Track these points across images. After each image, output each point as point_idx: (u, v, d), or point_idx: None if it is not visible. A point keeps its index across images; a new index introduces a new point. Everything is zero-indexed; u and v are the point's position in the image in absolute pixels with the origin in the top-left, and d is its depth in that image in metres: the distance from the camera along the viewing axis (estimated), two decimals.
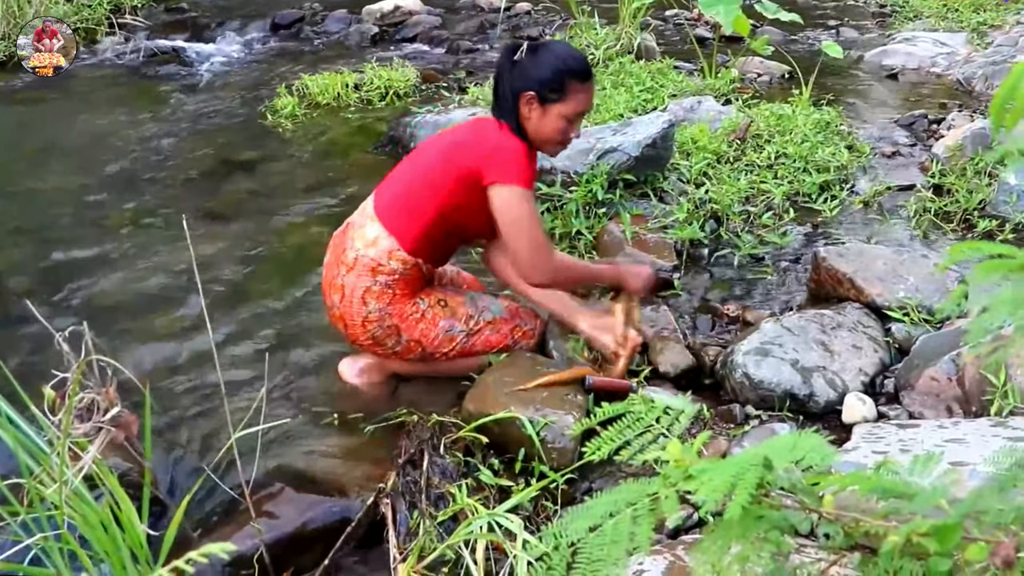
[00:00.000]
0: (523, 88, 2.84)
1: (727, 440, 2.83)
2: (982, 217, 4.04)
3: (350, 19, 7.92)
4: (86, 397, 1.84)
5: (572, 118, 2.89)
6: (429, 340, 3.02)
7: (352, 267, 2.94)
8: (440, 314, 3.02)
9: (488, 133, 2.90)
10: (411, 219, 2.90)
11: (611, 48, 6.31)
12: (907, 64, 6.68)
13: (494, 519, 2.36)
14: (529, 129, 2.89)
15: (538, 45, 2.92)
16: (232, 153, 5.24)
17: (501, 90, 2.90)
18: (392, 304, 2.95)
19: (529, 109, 2.86)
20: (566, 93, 2.84)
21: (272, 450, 2.78)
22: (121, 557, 1.96)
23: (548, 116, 2.86)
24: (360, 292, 2.93)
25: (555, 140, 2.93)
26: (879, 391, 3.04)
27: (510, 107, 2.87)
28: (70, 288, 3.78)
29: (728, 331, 3.45)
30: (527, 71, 2.84)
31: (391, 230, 2.91)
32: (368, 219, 2.97)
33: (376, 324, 2.96)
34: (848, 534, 1.28)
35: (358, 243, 2.95)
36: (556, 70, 2.83)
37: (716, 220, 4.15)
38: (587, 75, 2.90)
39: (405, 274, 2.94)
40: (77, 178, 4.88)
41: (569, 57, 2.89)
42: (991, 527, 1.19)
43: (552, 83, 2.83)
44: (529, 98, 2.84)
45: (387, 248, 2.90)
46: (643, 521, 1.22)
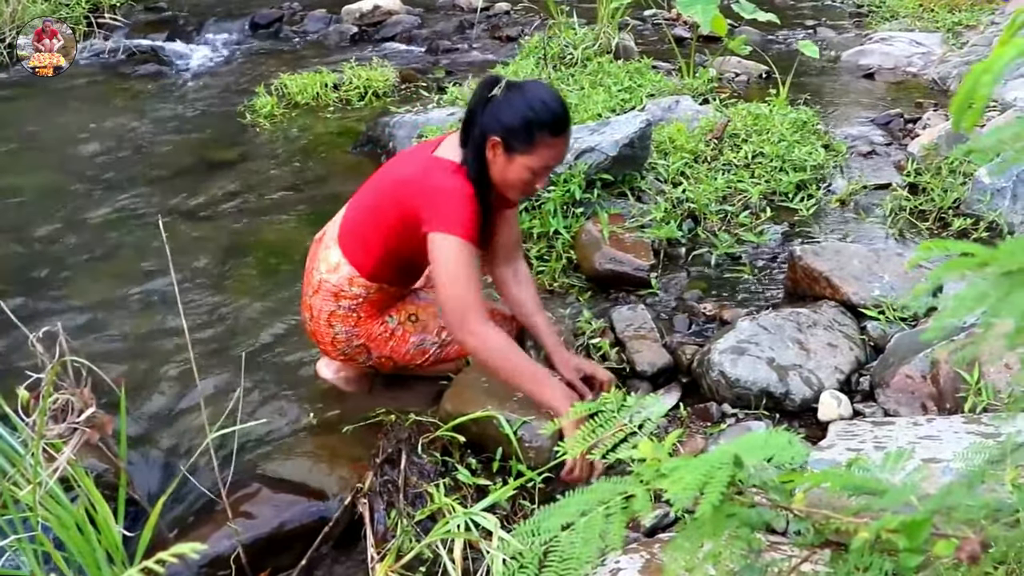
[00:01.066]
0: (490, 131, 2.63)
1: (704, 438, 2.85)
2: (957, 216, 4.07)
3: (329, 19, 7.91)
4: (60, 398, 1.84)
5: (538, 171, 2.67)
6: (400, 355, 3.00)
7: (317, 290, 2.91)
8: (410, 330, 2.99)
9: (434, 174, 2.69)
10: (364, 250, 2.83)
11: (589, 48, 6.31)
12: (883, 64, 6.71)
13: (471, 518, 2.36)
14: (494, 173, 2.69)
15: (516, 85, 2.69)
16: (210, 152, 5.23)
17: (472, 123, 2.69)
18: (358, 326, 2.93)
19: (494, 154, 2.65)
20: (534, 146, 2.61)
21: (249, 450, 2.78)
22: (96, 559, 1.96)
23: (513, 165, 2.65)
24: (326, 315, 2.92)
25: (517, 189, 2.74)
26: (854, 389, 3.05)
27: (479, 145, 2.66)
28: (45, 288, 3.77)
29: (705, 330, 3.46)
30: (498, 112, 2.62)
31: (349, 258, 2.84)
32: (332, 241, 2.90)
33: (344, 344, 2.96)
34: (819, 531, 1.29)
35: (322, 266, 2.90)
36: (527, 120, 2.59)
37: (693, 219, 4.16)
38: (559, 129, 2.65)
39: (369, 297, 2.90)
40: (54, 177, 4.86)
41: (543, 107, 2.62)
42: (960, 523, 1.20)
43: (520, 134, 2.60)
44: (494, 143, 2.63)
45: (347, 275, 2.85)
46: (615, 519, 1.23)
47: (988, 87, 0.84)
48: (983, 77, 0.83)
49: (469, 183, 2.65)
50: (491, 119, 2.63)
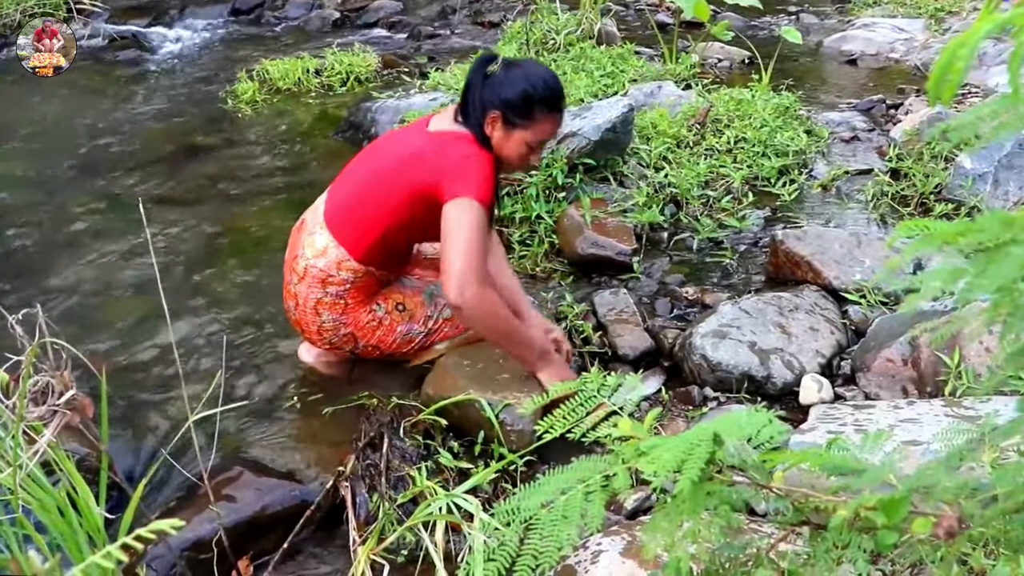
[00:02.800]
0: (490, 106, 2.75)
1: (685, 421, 2.86)
2: (938, 201, 4.08)
3: (311, 4, 7.89)
4: (40, 380, 1.83)
5: (535, 145, 2.83)
6: (387, 344, 3.00)
7: (303, 277, 2.89)
8: (398, 319, 2.98)
9: (451, 148, 2.75)
10: (361, 230, 2.82)
11: (572, 33, 6.30)
12: (866, 50, 6.72)
13: (453, 501, 2.37)
14: (492, 145, 2.81)
15: (514, 63, 2.84)
16: (191, 138, 5.21)
17: (471, 99, 2.80)
18: (346, 314, 2.92)
19: (493, 128, 2.78)
20: (532, 121, 2.77)
21: (231, 434, 2.77)
22: (78, 541, 1.95)
23: (511, 139, 2.78)
24: (312, 303, 2.90)
25: (515, 163, 2.87)
26: (836, 372, 3.07)
27: (478, 119, 2.78)
28: (25, 272, 3.75)
29: (687, 314, 3.47)
30: (497, 88, 2.75)
31: (340, 240, 2.83)
32: (318, 226, 2.88)
33: (331, 332, 2.95)
34: (798, 509, 1.29)
35: (308, 252, 2.88)
36: (525, 95, 2.74)
37: (676, 204, 4.17)
38: (556, 104, 2.81)
39: (356, 282, 2.88)
40: (33, 163, 4.83)
41: (541, 83, 2.78)
42: (938, 501, 1.21)
43: (519, 108, 2.74)
44: (493, 118, 2.76)
45: (336, 258, 2.83)
46: (595, 498, 1.23)
47: (964, 61, 0.84)
48: (959, 51, 0.83)
49: (486, 150, 2.78)
50: (491, 94, 2.76)
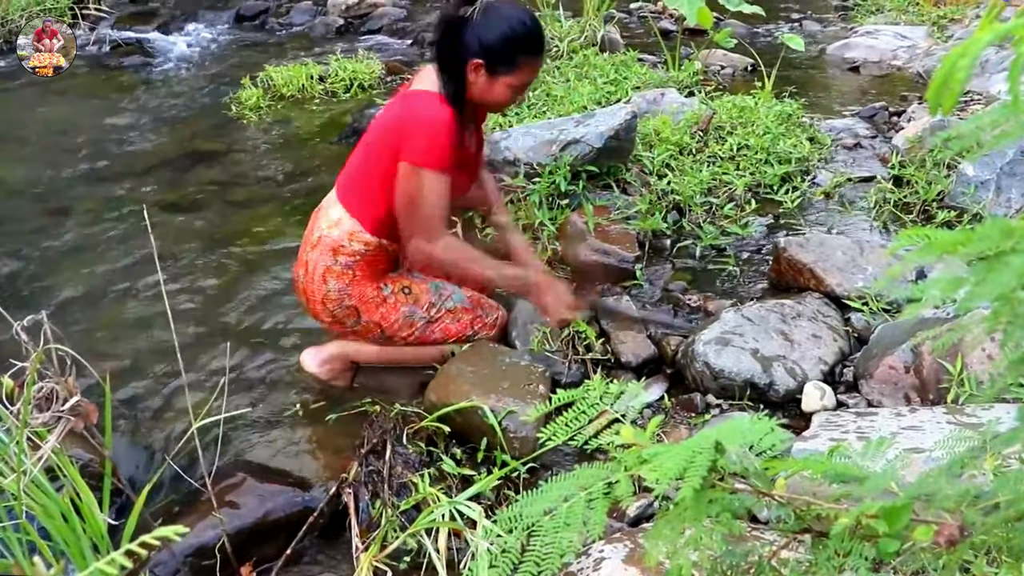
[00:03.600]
0: (471, 55, 2.73)
1: (688, 429, 2.86)
2: (941, 208, 4.08)
3: (315, 11, 7.91)
4: (45, 386, 1.84)
5: (519, 88, 2.84)
6: (388, 323, 3.02)
7: (316, 245, 2.96)
8: (402, 300, 3.03)
9: (413, 106, 2.80)
10: (370, 201, 2.89)
11: (575, 40, 6.32)
12: (868, 57, 6.72)
13: (456, 508, 2.37)
14: (474, 93, 2.81)
15: (491, 6, 2.75)
16: (196, 144, 5.22)
17: (446, 46, 2.77)
18: (352, 285, 2.96)
19: (476, 76, 2.76)
20: (516, 66, 2.76)
21: (234, 440, 2.78)
22: (82, 547, 1.96)
23: (495, 86, 2.78)
24: (321, 270, 2.95)
25: (499, 106, 2.92)
26: (838, 380, 3.07)
27: (455, 67, 2.76)
28: (30, 278, 3.76)
29: (689, 321, 3.47)
30: (477, 35, 2.72)
31: (352, 212, 2.91)
32: (332, 202, 2.99)
33: (336, 303, 2.98)
34: (800, 517, 1.29)
35: (323, 223, 2.97)
36: (507, 41, 2.72)
37: (678, 211, 4.17)
38: (539, 48, 2.82)
39: (367, 255, 2.94)
40: (38, 168, 4.85)
41: (521, 27, 2.74)
42: (939, 509, 1.21)
43: (502, 55, 2.73)
44: (476, 66, 2.74)
45: (349, 229, 2.91)
46: (597, 505, 1.23)
47: (965, 70, 0.84)
48: (960, 61, 0.84)
49: (448, 107, 2.76)
50: (471, 40, 2.74)
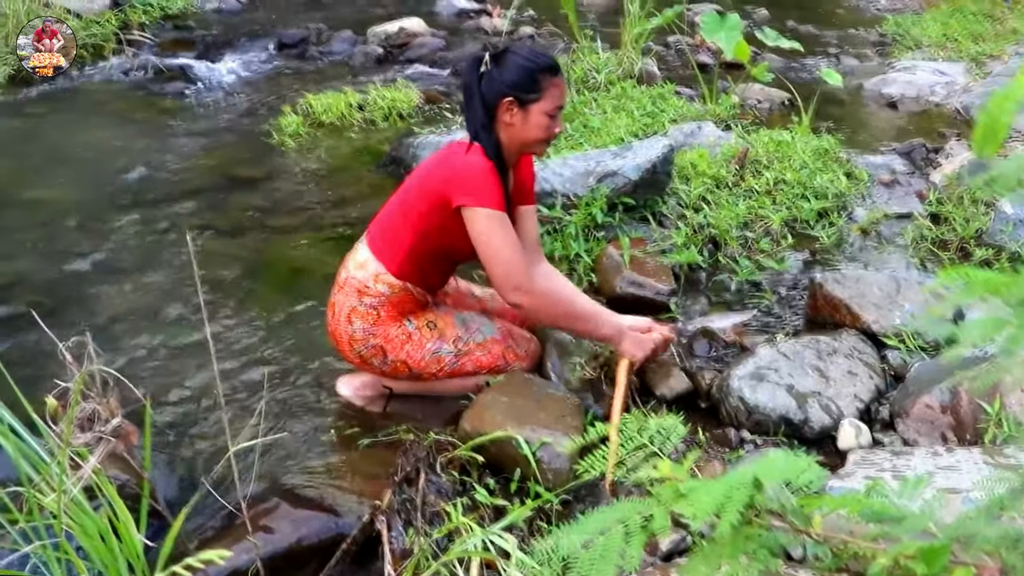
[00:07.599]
0: (499, 96, 2.85)
1: (721, 464, 2.85)
2: (979, 246, 4.06)
3: (355, 40, 7.97)
4: (87, 407, 1.86)
5: (553, 113, 2.88)
6: (415, 361, 3.04)
7: (342, 287, 3.03)
8: (428, 336, 3.05)
9: (453, 157, 2.90)
10: (394, 244, 2.97)
11: (613, 72, 6.35)
12: (906, 93, 6.71)
13: (489, 538, 2.37)
14: (514, 136, 2.90)
15: (499, 53, 2.91)
16: (236, 170, 5.27)
17: (472, 104, 2.91)
18: (377, 325, 3.00)
19: (511, 115, 2.86)
20: (542, 90, 2.84)
21: (269, 465, 2.79)
22: (118, 568, 1.98)
23: (531, 117, 2.85)
24: (346, 311, 3.01)
25: (542, 138, 2.92)
26: (874, 418, 3.05)
27: (483, 120, 2.88)
28: (74, 299, 3.80)
29: (725, 355, 3.47)
30: (497, 79, 2.85)
31: (377, 255, 2.99)
32: (361, 243, 3.06)
33: (362, 343, 3.01)
34: (837, 556, 1.29)
35: (350, 264, 3.05)
36: (527, 70, 2.83)
37: (714, 245, 4.17)
38: (556, 69, 2.90)
39: (392, 296, 2.99)
40: (82, 191, 4.90)
41: (534, 55, 2.89)
42: (978, 551, 1.21)
43: (526, 84, 2.83)
44: (508, 104, 2.84)
45: (374, 271, 2.98)
46: (634, 539, 1.24)
47: (1010, 115, 0.85)
48: (1004, 104, 0.84)
49: (487, 158, 2.86)
50: (494, 86, 2.86)
